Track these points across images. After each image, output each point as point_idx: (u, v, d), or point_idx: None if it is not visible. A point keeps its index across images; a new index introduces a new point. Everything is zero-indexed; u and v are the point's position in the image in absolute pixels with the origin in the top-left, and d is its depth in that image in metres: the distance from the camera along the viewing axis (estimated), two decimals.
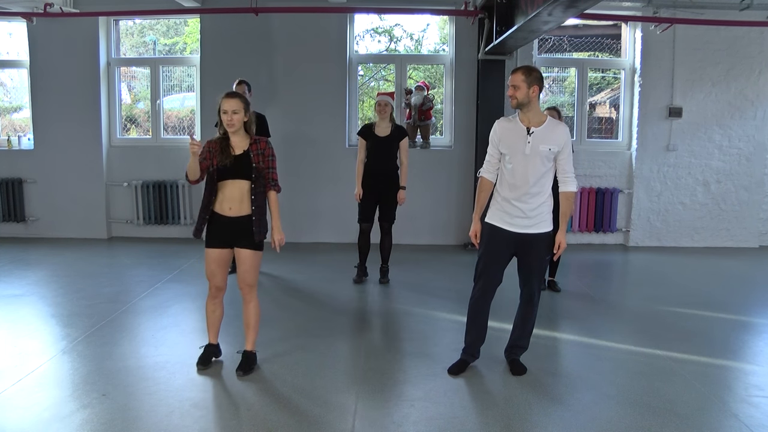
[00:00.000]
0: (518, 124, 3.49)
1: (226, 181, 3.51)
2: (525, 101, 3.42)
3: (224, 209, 3.53)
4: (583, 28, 8.00)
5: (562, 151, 3.47)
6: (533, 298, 3.65)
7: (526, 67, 3.48)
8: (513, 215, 3.49)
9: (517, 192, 3.46)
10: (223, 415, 3.19)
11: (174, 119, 8.14)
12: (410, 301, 5.26)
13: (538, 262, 3.60)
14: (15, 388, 3.39)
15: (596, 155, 7.61)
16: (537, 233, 3.51)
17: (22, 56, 7.70)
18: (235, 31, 7.32)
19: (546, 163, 3.45)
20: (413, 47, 8.38)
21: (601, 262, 7.02)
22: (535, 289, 3.64)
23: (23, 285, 5.57)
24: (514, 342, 3.76)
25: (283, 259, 6.51)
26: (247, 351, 3.71)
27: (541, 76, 3.46)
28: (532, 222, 3.48)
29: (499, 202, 3.55)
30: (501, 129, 3.54)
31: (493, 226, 3.56)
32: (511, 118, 3.56)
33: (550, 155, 3.44)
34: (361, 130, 5.60)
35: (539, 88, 3.43)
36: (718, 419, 3.18)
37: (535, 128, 3.44)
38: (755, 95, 7.41)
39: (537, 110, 3.49)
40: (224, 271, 3.65)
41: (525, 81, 3.40)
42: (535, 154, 3.42)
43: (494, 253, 3.56)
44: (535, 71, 3.45)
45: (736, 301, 5.38)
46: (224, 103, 3.48)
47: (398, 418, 3.15)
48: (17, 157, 7.66)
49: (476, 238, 3.62)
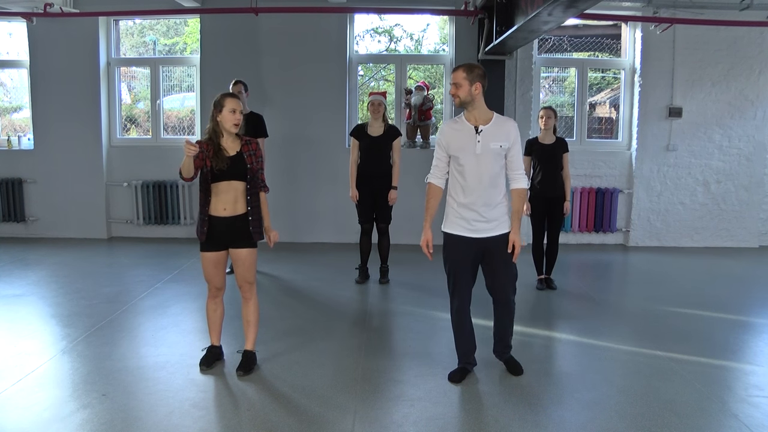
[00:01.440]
0: (465, 123, 3.41)
1: (220, 183, 3.49)
2: (468, 99, 3.35)
3: (218, 210, 3.52)
4: (583, 28, 8.01)
5: (512, 146, 3.39)
6: (508, 303, 3.57)
7: (468, 64, 3.41)
8: (471, 220, 3.40)
9: (473, 195, 3.38)
10: (223, 415, 3.19)
11: (174, 119, 8.14)
12: (410, 301, 5.26)
13: (504, 264, 3.48)
14: (15, 388, 3.39)
15: (596, 155, 7.61)
16: (498, 235, 3.42)
17: (22, 56, 7.70)
18: (235, 31, 7.32)
19: (498, 160, 3.38)
20: (413, 47, 8.39)
21: (601, 262, 7.02)
22: (509, 289, 3.55)
23: (23, 285, 5.57)
24: (500, 343, 3.71)
25: (283, 259, 6.54)
26: (248, 350, 3.71)
27: (484, 73, 3.37)
28: (491, 225, 3.41)
29: (455, 209, 3.46)
30: (449, 131, 3.45)
31: (453, 235, 3.48)
32: (457, 119, 3.47)
33: (502, 152, 3.37)
34: (353, 130, 5.59)
35: (482, 85, 3.35)
36: (718, 419, 3.18)
37: (483, 126, 3.37)
38: (755, 95, 7.40)
39: (483, 108, 3.41)
40: (222, 271, 3.66)
41: (467, 78, 3.32)
42: (486, 152, 3.34)
43: (460, 264, 3.48)
44: (477, 68, 3.37)
45: (736, 301, 5.38)
46: (229, 102, 3.47)
47: (398, 418, 3.15)
48: (17, 157, 7.66)
49: (428, 247, 3.51)
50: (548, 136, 5.41)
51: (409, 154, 7.17)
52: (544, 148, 5.39)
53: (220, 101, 3.49)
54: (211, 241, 3.56)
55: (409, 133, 7.51)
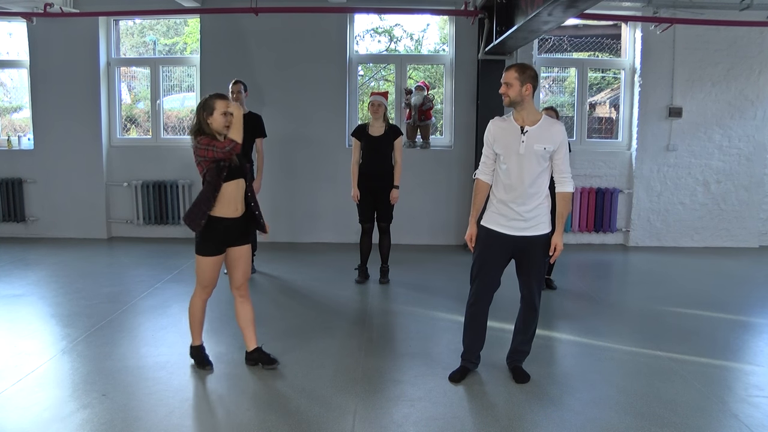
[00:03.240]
0: (512, 123, 3.43)
1: (230, 182, 3.46)
2: (518, 99, 3.37)
3: (230, 211, 3.48)
4: (583, 28, 8.00)
5: (558, 150, 3.40)
6: (534, 303, 3.57)
7: (520, 64, 3.43)
8: (509, 218, 3.42)
9: (513, 193, 3.40)
10: (223, 415, 3.19)
11: (174, 119, 8.13)
12: (410, 301, 5.26)
13: (537, 265, 3.50)
14: (15, 388, 3.39)
15: (596, 155, 7.61)
16: (535, 235, 3.43)
17: (22, 56, 7.70)
18: (235, 31, 7.32)
19: (541, 162, 3.38)
20: (413, 47, 8.38)
21: (601, 262, 7.02)
22: (536, 293, 3.55)
23: (23, 285, 5.57)
24: (516, 347, 3.68)
25: (282, 259, 6.54)
26: (259, 347, 3.73)
27: (535, 74, 3.40)
28: (529, 224, 3.41)
29: (495, 204, 3.48)
30: (495, 128, 3.48)
31: (489, 229, 3.49)
32: (506, 118, 3.49)
33: (546, 155, 3.38)
34: (355, 130, 5.60)
35: (533, 86, 3.36)
36: (718, 419, 3.18)
37: (529, 127, 3.38)
38: (755, 95, 7.41)
39: (531, 109, 3.42)
40: (219, 273, 3.66)
41: (518, 79, 3.34)
42: (529, 153, 3.35)
43: (489, 256, 3.49)
44: (529, 69, 3.39)
45: (736, 301, 5.38)
46: (220, 105, 3.39)
47: (398, 418, 3.15)
48: (17, 157, 7.66)
49: (471, 242, 3.55)
50: None
51: (409, 154, 7.16)
52: None
53: (210, 104, 3.40)
54: (214, 245, 3.52)
55: (409, 133, 7.51)
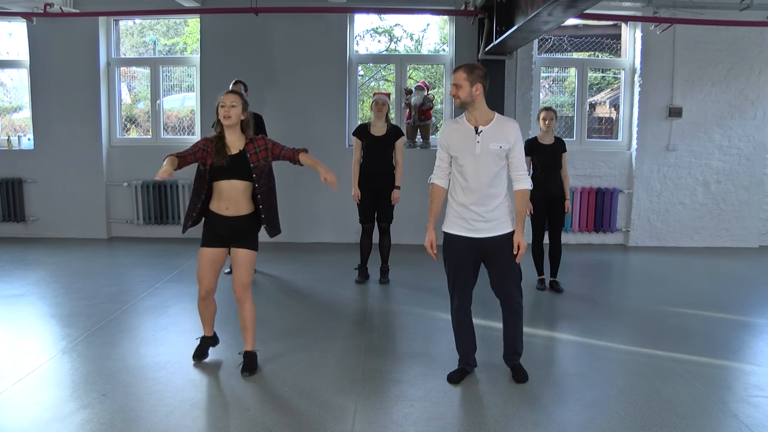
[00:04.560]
0: (466, 124, 3.40)
1: (220, 182, 3.50)
2: (468, 100, 3.34)
3: (221, 209, 3.53)
4: (583, 28, 8.00)
5: (514, 147, 3.37)
6: (514, 306, 3.52)
7: (469, 64, 3.40)
8: (471, 220, 3.39)
9: (473, 196, 3.37)
10: (223, 416, 3.19)
11: (174, 119, 8.14)
12: (410, 301, 5.26)
13: (508, 264, 3.44)
14: (15, 388, 3.39)
15: (596, 155, 7.61)
16: (498, 235, 3.40)
17: (22, 56, 7.70)
18: (235, 31, 7.32)
19: (498, 161, 3.37)
20: (413, 47, 8.38)
21: (601, 263, 7.02)
22: (515, 294, 3.51)
23: (23, 285, 5.57)
24: (509, 348, 3.66)
25: (283, 260, 6.54)
26: (248, 351, 3.70)
27: (485, 73, 3.36)
28: (490, 225, 3.39)
29: (455, 208, 3.44)
30: (449, 131, 3.45)
31: (453, 235, 3.46)
32: (459, 119, 3.47)
33: (502, 153, 3.36)
34: (356, 130, 5.61)
35: (483, 86, 3.34)
36: (718, 419, 3.18)
37: (483, 127, 3.36)
38: (755, 95, 7.40)
39: (483, 108, 3.39)
40: (216, 274, 3.64)
41: (467, 79, 3.31)
42: (485, 153, 3.33)
43: (460, 264, 3.46)
44: (478, 69, 3.36)
45: (736, 301, 5.38)
46: (224, 97, 3.52)
47: (398, 418, 3.15)
48: (17, 157, 7.66)
49: (432, 248, 3.51)
50: (548, 137, 5.43)
51: (409, 154, 7.15)
52: (544, 149, 5.41)
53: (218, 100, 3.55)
54: (211, 237, 3.56)
55: (410, 133, 7.51)
